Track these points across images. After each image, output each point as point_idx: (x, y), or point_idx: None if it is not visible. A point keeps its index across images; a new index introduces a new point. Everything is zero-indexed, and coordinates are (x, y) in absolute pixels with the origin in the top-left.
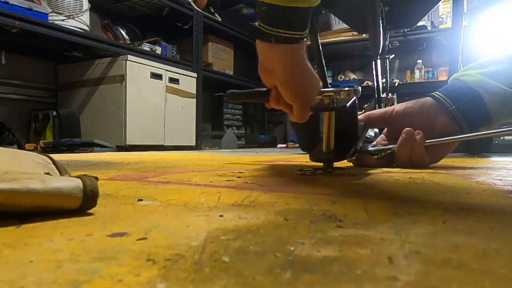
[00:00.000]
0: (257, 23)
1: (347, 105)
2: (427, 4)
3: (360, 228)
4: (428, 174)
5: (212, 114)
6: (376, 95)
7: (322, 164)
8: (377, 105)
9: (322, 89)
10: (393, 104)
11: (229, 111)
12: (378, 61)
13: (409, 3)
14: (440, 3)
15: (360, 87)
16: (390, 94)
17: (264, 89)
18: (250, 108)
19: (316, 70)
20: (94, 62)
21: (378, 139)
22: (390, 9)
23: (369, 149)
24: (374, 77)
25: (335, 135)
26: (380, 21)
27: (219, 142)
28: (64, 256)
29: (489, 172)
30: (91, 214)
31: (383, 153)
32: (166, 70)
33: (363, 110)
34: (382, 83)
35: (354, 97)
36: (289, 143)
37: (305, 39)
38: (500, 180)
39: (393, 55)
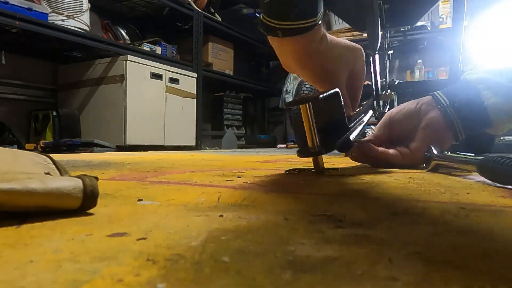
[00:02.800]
0: (261, 16)
1: (321, 96)
2: (428, 2)
3: (360, 228)
4: (428, 174)
5: (212, 114)
6: (374, 92)
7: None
8: (375, 102)
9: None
10: (392, 101)
11: (229, 111)
12: (376, 57)
13: (409, 1)
14: (440, 3)
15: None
16: (389, 91)
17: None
18: (250, 108)
19: None
20: (94, 62)
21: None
22: (390, 7)
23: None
24: (372, 74)
25: (319, 127)
26: (379, 16)
27: (219, 142)
28: (64, 256)
29: None
30: (91, 214)
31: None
32: (166, 70)
33: (361, 107)
34: (382, 81)
35: (336, 89)
36: (289, 143)
37: (319, 22)
38: None
39: (392, 51)
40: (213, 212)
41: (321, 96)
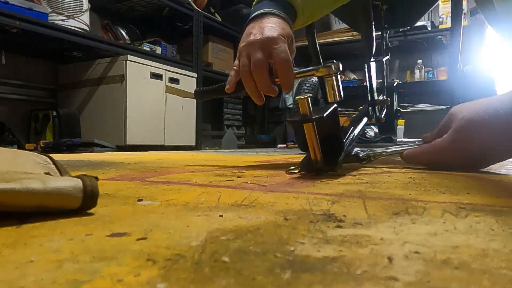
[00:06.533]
0: None
1: (325, 114)
2: (426, 2)
3: (360, 228)
4: (428, 174)
5: (212, 114)
6: (369, 99)
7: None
8: (370, 108)
9: (298, 71)
10: (390, 105)
11: (229, 111)
12: (372, 63)
13: (408, 1)
14: (440, 3)
15: (339, 62)
16: (384, 97)
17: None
18: (250, 108)
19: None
20: (94, 62)
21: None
22: (388, 8)
23: (358, 153)
24: (367, 80)
25: (322, 143)
26: (373, 22)
27: (219, 142)
28: (64, 256)
29: (489, 172)
30: (91, 214)
31: (372, 159)
32: (166, 70)
33: (357, 112)
34: (378, 83)
35: (335, 105)
36: (289, 143)
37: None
38: (500, 180)
39: (388, 57)
40: (213, 212)
41: (325, 114)
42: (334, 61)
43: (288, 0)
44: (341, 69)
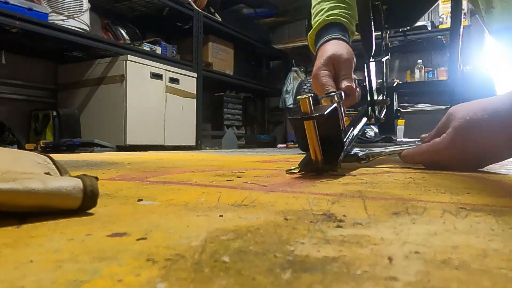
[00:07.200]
0: None
1: (325, 113)
2: (426, 2)
3: (360, 228)
4: (428, 174)
5: (212, 114)
6: (368, 99)
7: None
8: (370, 108)
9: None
10: (391, 105)
11: (229, 111)
12: (372, 64)
13: (408, 1)
14: (440, 3)
15: (341, 92)
16: (384, 97)
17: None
18: (250, 108)
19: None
20: (94, 62)
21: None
22: (388, 8)
23: (357, 152)
24: (367, 80)
25: (322, 143)
26: (373, 22)
27: (219, 142)
28: (64, 256)
29: (489, 172)
30: (91, 214)
31: (371, 158)
32: (166, 70)
33: (357, 112)
34: (378, 83)
35: (335, 105)
36: (289, 143)
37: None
38: (500, 180)
39: (388, 57)
40: (213, 212)
41: (325, 113)
42: (341, 92)
43: (347, 26)
44: (343, 98)
